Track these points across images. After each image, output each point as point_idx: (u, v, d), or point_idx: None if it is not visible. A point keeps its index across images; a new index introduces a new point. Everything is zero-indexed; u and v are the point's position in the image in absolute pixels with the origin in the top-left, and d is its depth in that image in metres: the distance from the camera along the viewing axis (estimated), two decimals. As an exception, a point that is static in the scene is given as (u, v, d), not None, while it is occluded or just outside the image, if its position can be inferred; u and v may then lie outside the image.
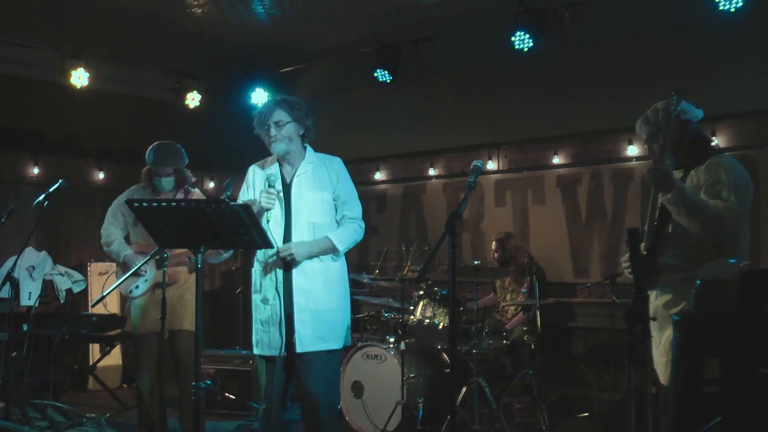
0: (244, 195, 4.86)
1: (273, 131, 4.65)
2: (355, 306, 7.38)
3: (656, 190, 3.97)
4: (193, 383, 4.34)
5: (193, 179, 6.13)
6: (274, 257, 4.60)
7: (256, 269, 4.78)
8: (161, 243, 4.64)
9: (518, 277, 7.61)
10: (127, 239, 6.06)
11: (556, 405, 7.60)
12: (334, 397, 4.75)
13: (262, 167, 4.87)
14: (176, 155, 5.97)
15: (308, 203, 4.64)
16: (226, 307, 10.20)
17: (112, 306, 8.75)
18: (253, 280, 4.82)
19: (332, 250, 4.61)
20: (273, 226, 4.59)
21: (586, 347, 7.90)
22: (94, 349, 8.77)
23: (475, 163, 4.43)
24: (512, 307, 7.72)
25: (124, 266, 5.84)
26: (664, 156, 3.96)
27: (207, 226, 4.17)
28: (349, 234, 4.67)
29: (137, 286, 5.82)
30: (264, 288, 4.68)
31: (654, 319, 3.94)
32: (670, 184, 3.88)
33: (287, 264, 4.57)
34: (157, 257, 5.39)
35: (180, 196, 5.93)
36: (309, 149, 4.80)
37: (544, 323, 6.97)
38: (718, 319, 3.15)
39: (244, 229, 4.16)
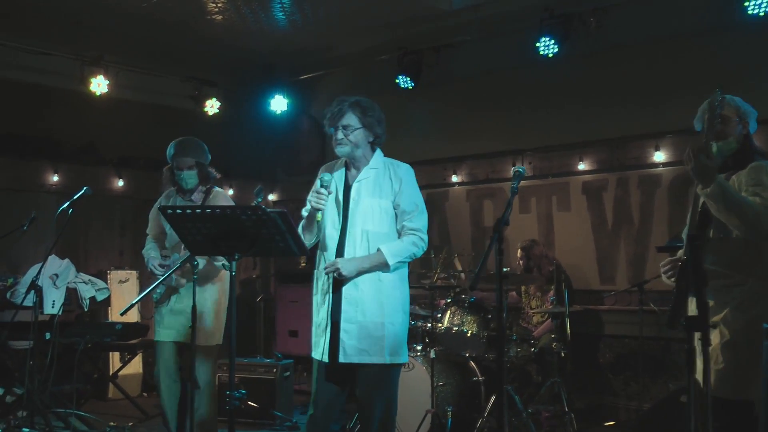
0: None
1: (340, 134, 4.48)
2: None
3: (697, 180, 3.88)
4: (227, 392, 4.31)
5: (218, 176, 5.89)
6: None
7: (316, 272, 4.63)
8: (194, 251, 4.60)
9: (543, 284, 7.55)
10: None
11: (583, 413, 7.53)
12: (390, 415, 4.48)
13: (330, 169, 4.69)
14: (198, 148, 5.75)
15: (364, 210, 4.47)
16: (247, 316, 10.15)
17: (132, 314, 8.70)
18: (314, 282, 4.67)
19: (384, 265, 4.40)
20: (330, 231, 4.51)
21: (613, 355, 7.83)
22: (115, 358, 8.73)
23: (516, 168, 4.33)
24: (537, 315, 7.65)
25: (150, 273, 5.78)
26: (708, 145, 3.86)
27: (242, 233, 4.13)
28: (404, 248, 4.45)
29: (157, 292, 5.72)
30: (319, 291, 4.57)
31: (714, 326, 3.86)
32: (711, 176, 3.79)
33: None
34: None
35: (201, 194, 5.72)
36: (377, 154, 4.61)
37: (571, 331, 6.90)
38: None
39: (280, 237, 4.11)
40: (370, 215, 4.47)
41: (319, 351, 4.48)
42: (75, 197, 5.94)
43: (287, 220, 4.01)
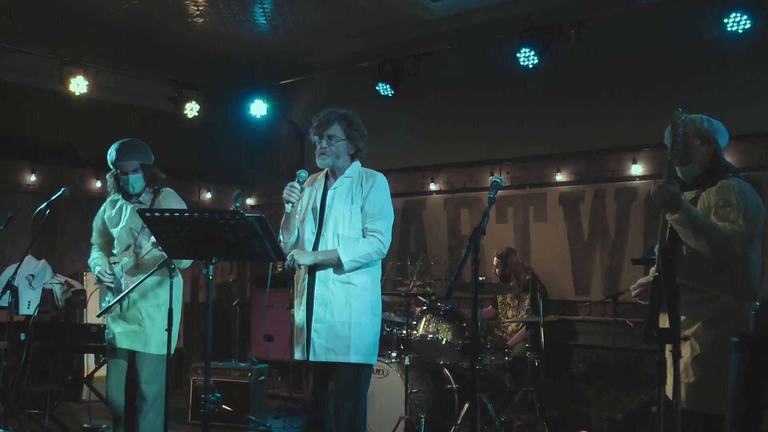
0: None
1: (324, 143, 4.68)
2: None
3: (663, 209, 3.94)
4: (202, 396, 4.31)
5: (164, 176, 5.68)
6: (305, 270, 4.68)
7: (295, 276, 4.80)
8: (172, 254, 4.59)
9: (519, 293, 7.59)
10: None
11: (556, 422, 7.59)
12: (356, 417, 4.56)
13: (313, 180, 4.91)
14: (140, 149, 5.54)
15: (336, 216, 4.65)
16: (223, 320, 10.14)
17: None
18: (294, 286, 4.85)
19: (338, 262, 4.53)
20: (308, 235, 4.70)
21: (586, 365, 7.87)
22: (90, 360, 8.68)
23: (494, 178, 4.37)
24: (513, 324, 7.69)
25: (97, 281, 5.58)
26: (672, 172, 3.92)
27: (220, 237, 4.14)
28: (361, 249, 4.57)
29: (105, 300, 5.49)
30: (297, 294, 4.75)
31: (686, 339, 3.91)
32: (677, 205, 3.84)
33: (312, 274, 4.62)
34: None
35: (149, 196, 5.55)
36: (355, 165, 4.79)
37: (545, 340, 6.94)
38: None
39: (257, 241, 4.13)
40: (341, 220, 4.64)
41: (299, 350, 4.66)
42: (52, 198, 5.85)
43: (265, 225, 4.03)
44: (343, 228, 4.62)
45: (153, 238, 4.98)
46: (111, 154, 5.50)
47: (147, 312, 5.39)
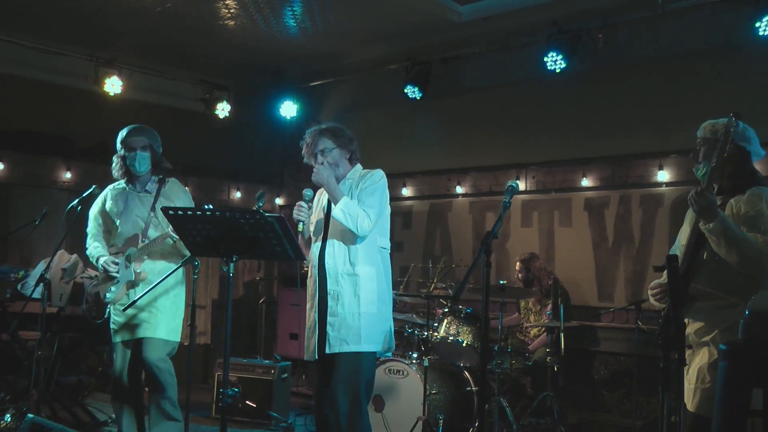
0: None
1: (320, 158, 4.85)
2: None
3: (699, 217, 3.92)
4: (221, 390, 4.39)
5: (170, 166, 5.70)
6: (315, 269, 4.84)
7: (308, 279, 4.99)
8: (194, 251, 4.70)
9: (542, 298, 7.62)
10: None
11: (576, 428, 7.58)
12: (357, 405, 4.66)
13: (321, 191, 5.05)
14: (151, 133, 5.64)
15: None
16: (249, 317, 10.26)
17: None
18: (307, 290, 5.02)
19: (336, 198, 4.67)
20: (316, 238, 4.89)
21: (608, 372, 7.87)
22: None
23: (510, 183, 4.43)
24: (535, 329, 7.72)
25: (104, 272, 5.59)
26: (713, 179, 3.91)
27: (241, 236, 4.24)
28: (355, 210, 4.65)
29: (110, 290, 5.53)
30: (309, 297, 4.94)
31: (690, 347, 3.92)
32: (713, 213, 3.83)
33: (322, 272, 4.77)
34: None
35: (155, 185, 5.59)
36: (356, 168, 4.96)
37: (567, 346, 6.95)
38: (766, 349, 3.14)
39: (277, 241, 4.23)
40: None
41: (310, 351, 4.80)
42: (83, 195, 5.96)
43: (284, 225, 4.13)
44: (347, 229, 4.73)
45: (171, 227, 5.10)
46: (121, 133, 5.63)
47: (157, 302, 5.47)
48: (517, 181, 4.63)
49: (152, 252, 5.50)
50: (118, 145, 5.64)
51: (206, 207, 4.49)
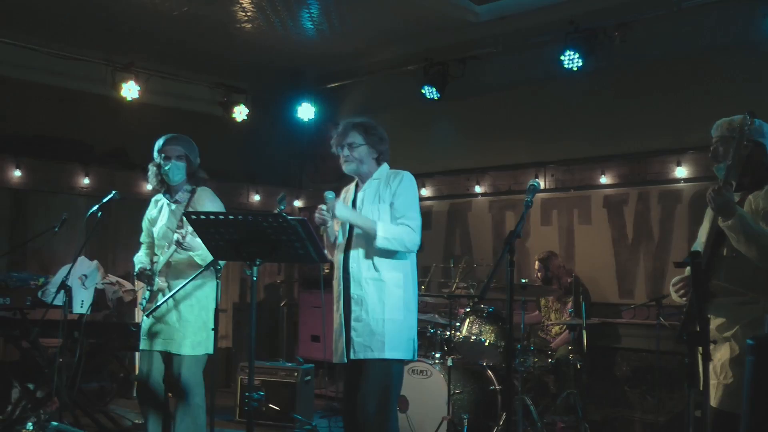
0: None
1: (346, 151, 4.82)
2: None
3: (718, 214, 3.94)
4: (246, 393, 4.40)
5: (206, 178, 5.66)
6: (339, 271, 4.80)
7: (334, 281, 4.92)
8: (216, 255, 4.71)
9: (562, 296, 7.61)
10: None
11: (598, 425, 7.59)
12: (386, 413, 4.61)
13: (347, 190, 5.06)
14: (189, 144, 5.62)
15: (366, 216, 4.73)
16: (270, 320, 10.29)
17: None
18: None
19: (373, 233, 4.58)
20: (341, 238, 4.84)
21: (630, 368, 7.86)
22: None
23: (531, 182, 4.45)
24: (556, 327, 7.71)
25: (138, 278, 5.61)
26: (730, 177, 3.93)
27: (263, 239, 4.25)
28: (397, 231, 4.62)
29: (145, 298, 5.50)
30: (335, 299, 4.87)
31: (715, 342, 3.92)
32: (732, 211, 3.85)
33: (346, 276, 4.73)
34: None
35: (186, 194, 5.52)
36: (383, 167, 4.91)
37: (588, 343, 6.95)
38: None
39: (300, 244, 4.23)
40: (371, 217, 4.72)
41: (338, 354, 4.75)
42: (104, 201, 5.94)
43: (307, 228, 4.14)
44: None
45: (176, 236, 5.10)
46: (158, 141, 5.59)
47: (181, 314, 5.40)
48: (538, 180, 4.59)
49: (176, 264, 5.45)
50: (155, 153, 5.59)
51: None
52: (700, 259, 3.34)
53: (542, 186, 8.43)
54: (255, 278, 4.39)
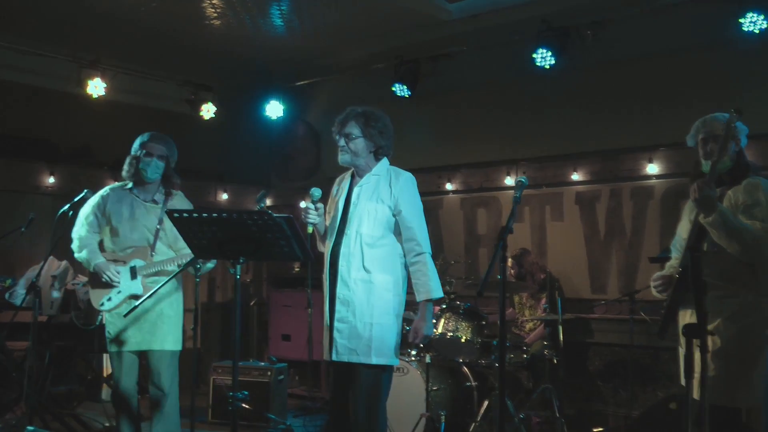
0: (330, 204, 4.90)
1: (342, 141, 4.70)
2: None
3: (700, 210, 4.01)
4: (230, 393, 4.35)
5: (179, 182, 5.67)
6: (327, 267, 4.70)
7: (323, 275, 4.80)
8: (199, 254, 4.64)
9: (536, 292, 7.64)
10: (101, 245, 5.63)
11: (573, 419, 7.63)
12: (374, 420, 4.53)
13: (342, 179, 4.92)
14: (171, 145, 5.61)
15: (360, 213, 4.62)
16: (240, 320, 10.19)
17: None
18: None
19: (435, 300, 4.68)
20: (331, 232, 4.72)
21: (603, 363, 7.92)
22: (108, 360, 8.74)
23: (519, 179, 4.47)
24: (530, 323, 7.74)
25: (92, 276, 5.50)
26: (714, 174, 4.01)
27: (247, 237, 4.19)
28: (431, 277, 4.66)
29: (109, 299, 5.41)
30: (324, 295, 4.74)
31: (712, 334, 3.97)
32: (713, 207, 3.94)
33: (333, 274, 4.62)
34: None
35: (162, 196, 5.54)
36: (383, 162, 4.79)
37: (563, 338, 6.99)
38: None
39: (285, 241, 4.18)
40: (366, 218, 4.62)
41: (325, 351, 4.67)
42: (76, 199, 5.79)
43: (293, 225, 4.08)
44: (366, 227, 4.59)
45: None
46: (143, 136, 5.54)
47: (162, 311, 5.43)
48: (525, 176, 4.60)
49: (159, 266, 5.44)
50: (137, 146, 5.54)
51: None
52: (699, 253, 3.38)
53: (513, 183, 8.45)
54: (239, 277, 4.32)
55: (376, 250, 4.58)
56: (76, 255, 5.59)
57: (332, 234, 4.71)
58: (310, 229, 4.64)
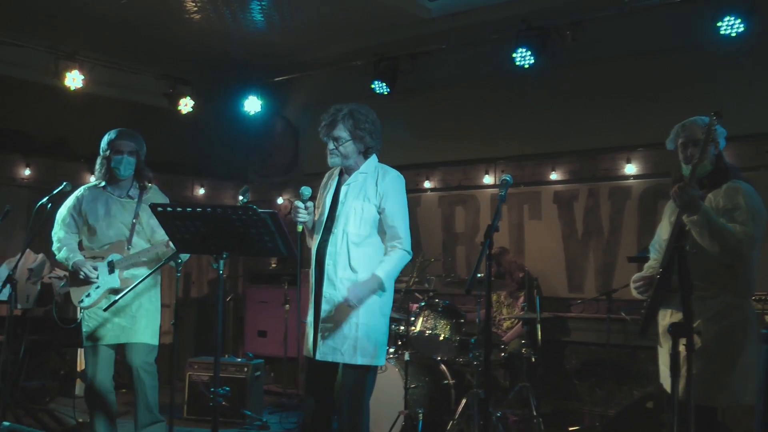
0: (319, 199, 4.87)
1: (331, 145, 4.64)
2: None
3: (682, 211, 4.05)
4: (212, 389, 4.34)
5: (151, 175, 5.68)
6: (313, 265, 4.67)
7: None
8: (182, 249, 4.61)
9: (514, 291, 7.67)
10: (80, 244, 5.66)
11: (549, 418, 7.65)
12: (358, 419, 4.54)
13: (330, 175, 4.89)
14: (139, 139, 5.59)
15: (347, 212, 4.60)
16: (215, 315, 10.14)
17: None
18: None
19: (381, 286, 4.53)
20: (318, 229, 4.70)
21: (580, 361, 7.97)
22: (82, 355, 8.67)
23: (504, 177, 4.48)
24: (507, 321, 7.77)
25: (72, 274, 5.50)
26: (695, 176, 4.06)
27: (231, 232, 4.17)
28: (393, 263, 4.57)
29: (88, 295, 5.42)
30: (310, 291, 4.73)
31: (699, 332, 4.01)
32: (697, 207, 3.97)
33: (320, 273, 4.60)
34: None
35: (137, 191, 5.57)
36: (371, 160, 4.76)
37: (541, 337, 7.02)
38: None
39: (269, 237, 4.16)
40: (352, 216, 4.59)
41: (308, 347, 4.63)
42: (54, 192, 5.74)
43: (277, 221, 4.07)
44: (353, 225, 4.57)
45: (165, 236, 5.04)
46: (110, 134, 5.54)
47: (142, 305, 5.47)
48: (510, 175, 4.61)
49: (137, 260, 5.45)
50: (105, 145, 5.54)
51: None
52: (686, 251, 3.40)
53: (492, 182, 8.52)
54: (221, 272, 4.29)
55: (362, 249, 4.56)
56: (56, 256, 5.62)
57: (319, 231, 4.69)
58: (299, 228, 4.61)
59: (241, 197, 4.89)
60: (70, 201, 5.61)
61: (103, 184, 5.58)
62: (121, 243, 5.46)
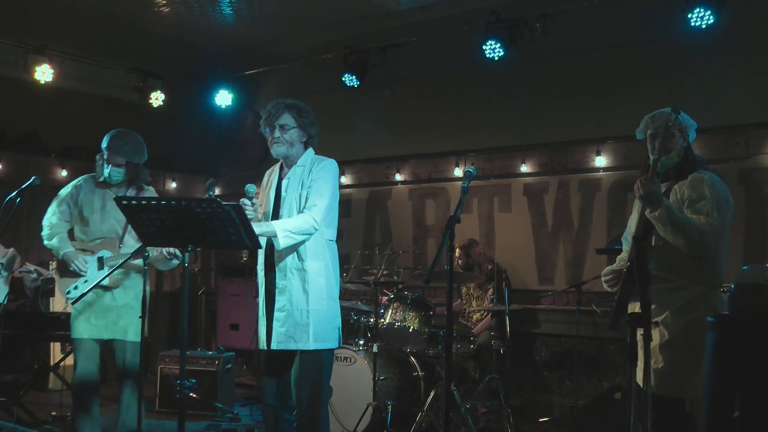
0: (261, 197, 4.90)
1: (277, 133, 4.70)
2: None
3: (645, 206, 4.07)
4: (178, 381, 4.35)
5: (149, 178, 5.77)
6: (261, 258, 4.73)
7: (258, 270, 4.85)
8: (148, 242, 4.61)
9: (483, 283, 7.70)
10: (71, 234, 5.66)
11: (519, 409, 7.71)
12: (317, 401, 4.64)
13: (271, 173, 4.94)
14: (133, 147, 5.57)
15: (290, 204, 4.69)
16: (188, 309, 10.13)
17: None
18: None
19: (273, 235, 4.50)
20: None
21: (549, 353, 8.02)
22: (56, 348, 8.65)
23: (467, 169, 4.51)
24: (477, 313, 7.80)
25: (60, 264, 5.52)
26: (656, 170, 4.09)
27: (196, 225, 4.17)
28: (296, 222, 4.55)
29: (75, 287, 5.47)
30: (258, 285, 4.81)
31: (656, 323, 4.06)
32: (658, 202, 3.99)
33: (270, 265, 4.67)
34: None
35: (134, 190, 5.60)
36: (308, 152, 4.82)
37: (510, 329, 7.05)
38: (757, 321, 3.28)
39: (233, 229, 4.16)
40: (295, 206, 4.67)
41: (261, 340, 4.71)
42: (23, 187, 5.73)
43: (241, 213, 4.07)
44: (296, 214, 4.65)
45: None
46: (105, 140, 5.53)
47: (127, 303, 5.50)
48: (474, 167, 4.64)
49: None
50: (102, 146, 5.54)
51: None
52: (644, 244, 3.44)
53: (462, 174, 8.52)
54: (186, 264, 4.30)
55: (306, 239, 4.62)
56: (45, 243, 5.59)
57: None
58: None
59: (208, 190, 4.89)
60: (67, 189, 5.64)
61: (102, 178, 5.59)
62: (113, 240, 5.50)
